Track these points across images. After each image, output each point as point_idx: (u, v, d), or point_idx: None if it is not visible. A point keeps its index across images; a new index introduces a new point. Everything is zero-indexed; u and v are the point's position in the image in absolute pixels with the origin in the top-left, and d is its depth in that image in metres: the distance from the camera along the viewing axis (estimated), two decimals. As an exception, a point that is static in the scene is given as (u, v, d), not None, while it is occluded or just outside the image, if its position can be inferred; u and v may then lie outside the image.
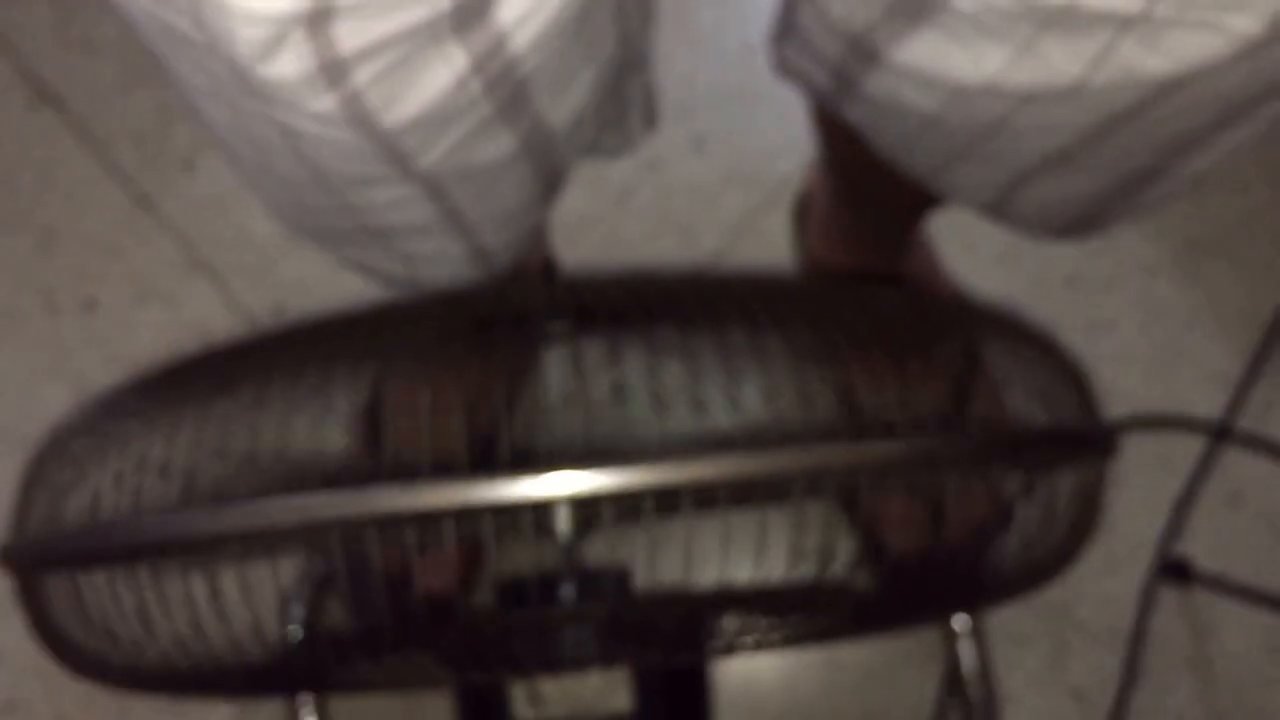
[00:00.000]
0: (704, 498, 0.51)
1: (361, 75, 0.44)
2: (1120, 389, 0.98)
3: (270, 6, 0.40)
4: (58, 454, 0.67)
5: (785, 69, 0.60)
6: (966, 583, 0.63)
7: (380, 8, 0.41)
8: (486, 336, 0.65)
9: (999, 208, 0.59)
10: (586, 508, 0.51)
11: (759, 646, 0.63)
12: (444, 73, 0.45)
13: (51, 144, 1.07)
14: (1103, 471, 0.66)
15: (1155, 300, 1.00)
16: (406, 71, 0.45)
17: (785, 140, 1.03)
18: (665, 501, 0.50)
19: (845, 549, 0.57)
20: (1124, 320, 1.00)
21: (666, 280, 0.66)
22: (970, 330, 0.68)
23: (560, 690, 0.66)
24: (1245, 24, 0.39)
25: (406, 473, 0.52)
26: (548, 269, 1.00)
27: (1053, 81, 0.44)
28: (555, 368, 0.96)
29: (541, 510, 0.51)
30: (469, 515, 0.49)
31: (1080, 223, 0.63)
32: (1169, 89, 0.44)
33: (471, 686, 0.67)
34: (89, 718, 1.01)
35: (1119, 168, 0.54)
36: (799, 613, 0.63)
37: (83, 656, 0.63)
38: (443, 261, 0.63)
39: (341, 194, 0.52)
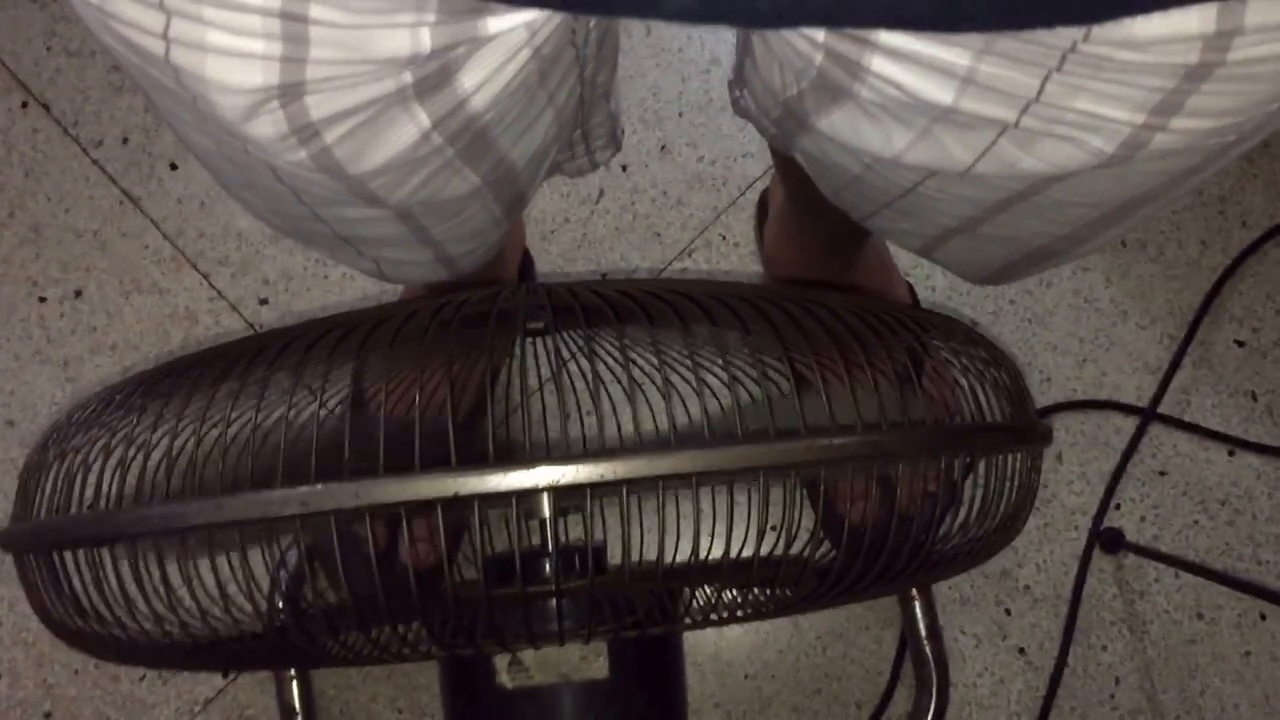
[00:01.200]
0: (675, 485, 0.54)
1: (330, 135, 0.46)
2: (1057, 375, 1.03)
3: (245, 81, 0.43)
4: (58, 441, 0.69)
5: (738, 110, 0.62)
6: (919, 556, 0.67)
7: (347, 82, 0.43)
8: (469, 331, 0.69)
9: (925, 253, 0.64)
10: (565, 496, 0.55)
11: (727, 619, 0.65)
12: (409, 130, 0.47)
13: (39, 144, 1.09)
14: (1038, 457, 0.71)
15: (1089, 295, 1.05)
16: (372, 131, 0.47)
17: (749, 145, 1.07)
18: (640, 489, 0.54)
19: (805, 523, 0.62)
20: (1060, 313, 1.04)
21: (635, 283, 0.70)
22: (915, 330, 0.72)
23: (540, 658, 0.68)
24: (1100, 143, 0.43)
25: (398, 461, 0.55)
26: (525, 264, 1.04)
27: (948, 164, 0.48)
28: (534, 361, 0.99)
29: (525, 497, 0.54)
30: (460, 503, 0.53)
31: (996, 276, 0.68)
32: (1048, 181, 0.48)
33: (455, 657, 0.69)
34: (75, 687, 1.03)
35: (1020, 241, 0.58)
36: (764, 586, 0.66)
37: (76, 631, 0.65)
38: (411, 265, 0.65)
39: (315, 209, 0.55)
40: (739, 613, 0.66)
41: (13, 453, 1.05)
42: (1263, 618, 1.01)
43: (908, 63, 0.43)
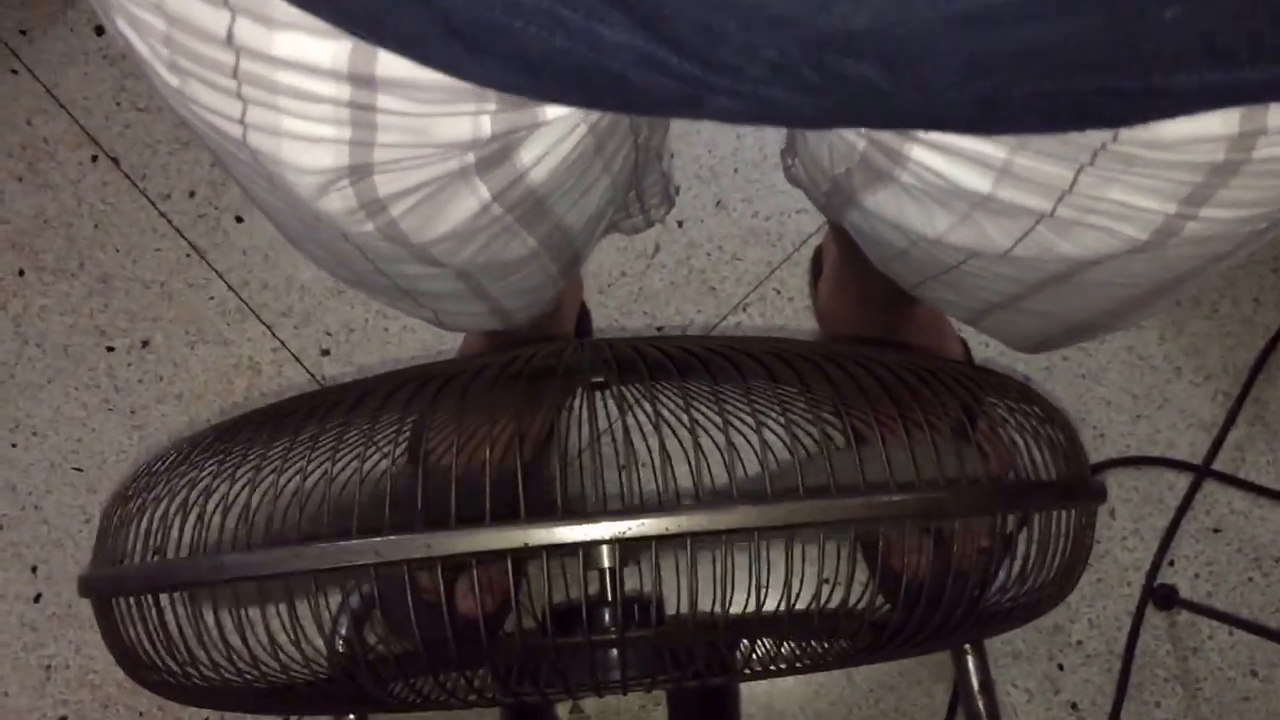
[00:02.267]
0: (738, 539, 0.56)
1: (396, 209, 0.49)
2: (1110, 431, 1.04)
3: (317, 163, 0.45)
4: (140, 489, 0.71)
5: (790, 178, 0.64)
6: (973, 610, 0.68)
7: (412, 163, 0.46)
8: (535, 385, 0.70)
9: (970, 322, 0.65)
10: (630, 548, 0.57)
11: (785, 670, 0.66)
12: (470, 202, 0.50)
13: (108, 197, 1.12)
14: (1093, 515, 0.71)
15: (1143, 351, 1.05)
16: (436, 204, 0.49)
17: (803, 201, 1.06)
18: (704, 542, 0.56)
19: (860, 576, 0.63)
20: (1114, 369, 1.05)
21: (695, 339, 0.72)
22: (970, 388, 0.73)
23: (601, 705, 0.70)
24: (1134, 231, 0.45)
25: (466, 513, 0.58)
26: (582, 317, 1.06)
27: (988, 246, 0.50)
28: (597, 414, 1.01)
29: (591, 549, 0.56)
30: (528, 554, 0.55)
31: (1039, 346, 0.69)
32: (1086, 265, 0.49)
33: (519, 703, 0.70)
34: (141, 738, 1.05)
35: (1061, 317, 0.59)
36: (822, 639, 0.68)
37: (153, 673, 0.66)
38: (468, 316, 0.67)
39: (378, 265, 0.57)
40: (797, 664, 0.67)
41: (80, 499, 1.08)
42: (1318, 676, 1.01)
43: (947, 153, 0.45)
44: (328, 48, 0.40)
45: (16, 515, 1.08)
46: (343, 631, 0.97)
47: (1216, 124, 0.39)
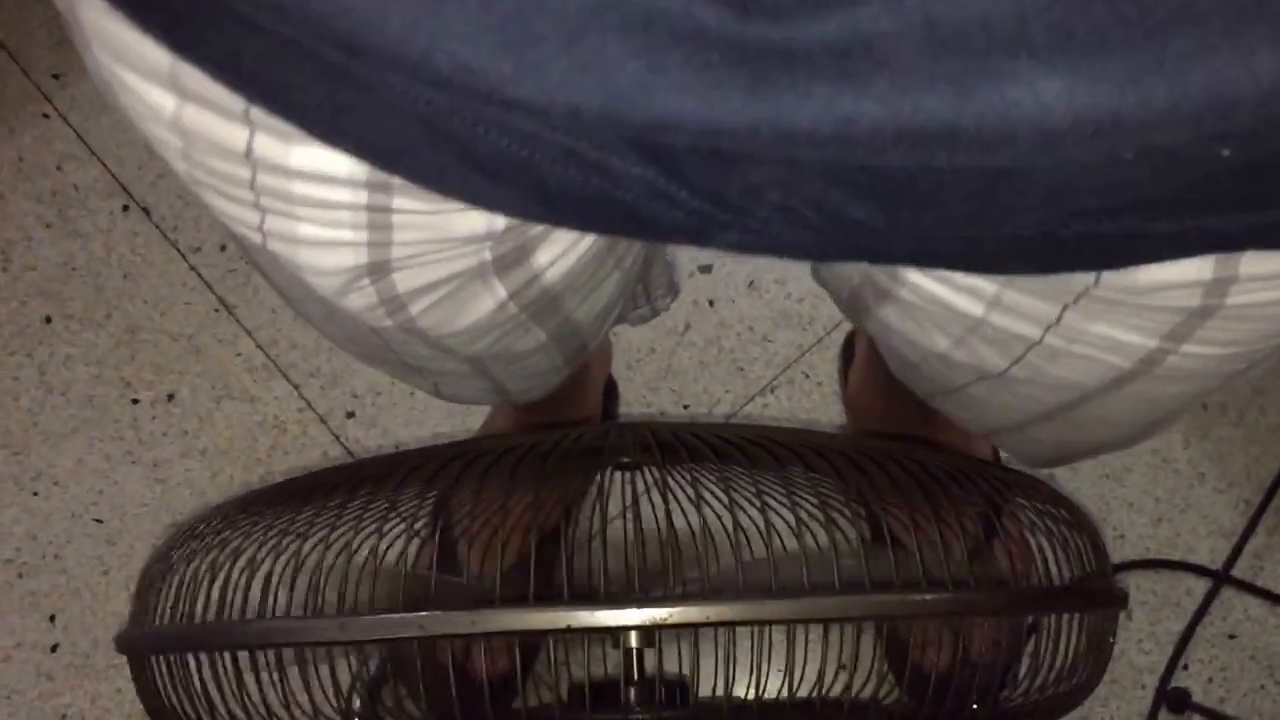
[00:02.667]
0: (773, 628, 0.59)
1: (416, 308, 0.50)
2: (1131, 533, 1.04)
3: (337, 264, 0.46)
4: (180, 551, 0.73)
5: (816, 278, 0.65)
6: (990, 703, 0.69)
7: (430, 259, 0.46)
8: (577, 464, 0.72)
9: (982, 437, 0.67)
10: (667, 633, 0.59)
11: None
12: (487, 301, 0.51)
13: (138, 248, 1.12)
14: (1113, 621, 0.73)
15: (1167, 455, 1.06)
16: (455, 303, 0.50)
17: None
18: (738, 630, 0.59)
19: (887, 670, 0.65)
20: (1137, 470, 1.06)
21: (735, 428, 0.73)
22: (999, 489, 0.75)
23: None
24: (1119, 360, 0.47)
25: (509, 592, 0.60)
26: (609, 390, 1.06)
27: (987, 367, 0.52)
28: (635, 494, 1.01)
29: (631, 633, 0.59)
30: (569, 634, 0.57)
31: (1051, 463, 0.71)
32: (1081, 394, 0.52)
33: None
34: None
35: (1064, 444, 0.61)
36: None
37: None
38: (468, 391, 0.69)
39: (390, 345, 0.58)
40: None
41: (100, 550, 1.08)
42: (1325, 787, 1.02)
43: (941, 279, 0.47)
44: (344, 159, 0.41)
45: (36, 564, 1.08)
46: (357, 704, 0.98)
47: (1193, 269, 0.40)
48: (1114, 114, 0.28)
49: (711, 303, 1.09)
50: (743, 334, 1.08)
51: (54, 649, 1.07)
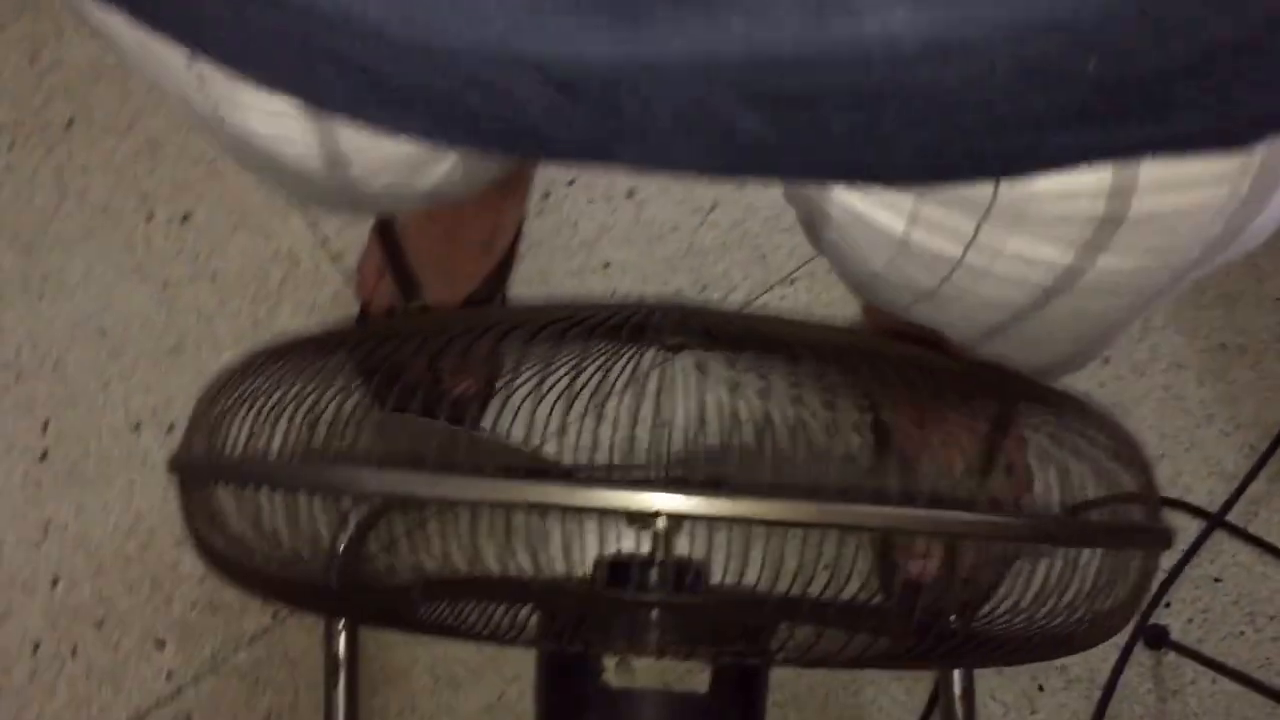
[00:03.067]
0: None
1: (373, 184, 0.53)
2: (1131, 464, 1.05)
3: (294, 153, 0.49)
4: (230, 382, 0.72)
5: (786, 196, 0.66)
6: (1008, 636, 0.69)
7: (386, 151, 0.49)
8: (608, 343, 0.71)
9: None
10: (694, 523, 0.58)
11: (818, 660, 0.68)
12: (441, 168, 0.53)
13: (170, 60, 1.10)
14: (1154, 558, 0.72)
15: (1179, 392, 1.05)
16: (408, 178, 0.53)
17: None
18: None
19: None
20: (1148, 405, 1.05)
21: (767, 320, 0.72)
22: (1008, 393, 0.74)
23: (646, 663, 0.72)
24: (1038, 277, 0.48)
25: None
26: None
27: (919, 287, 0.52)
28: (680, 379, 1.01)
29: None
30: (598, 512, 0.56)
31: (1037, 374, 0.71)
32: (1012, 319, 0.52)
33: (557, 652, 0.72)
34: (129, 602, 1.06)
35: (1014, 361, 0.61)
36: (861, 629, 0.68)
37: (213, 553, 0.69)
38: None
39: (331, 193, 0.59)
40: (833, 657, 0.68)
41: (101, 361, 1.07)
42: (1289, 735, 1.02)
43: (861, 195, 0.47)
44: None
45: (34, 369, 1.07)
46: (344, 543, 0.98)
47: (1091, 178, 0.41)
48: (961, 37, 0.32)
49: (741, 185, 1.07)
50: (769, 220, 1.07)
51: (44, 456, 1.07)
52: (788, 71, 0.33)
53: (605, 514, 0.57)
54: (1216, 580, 1.04)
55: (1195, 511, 1.04)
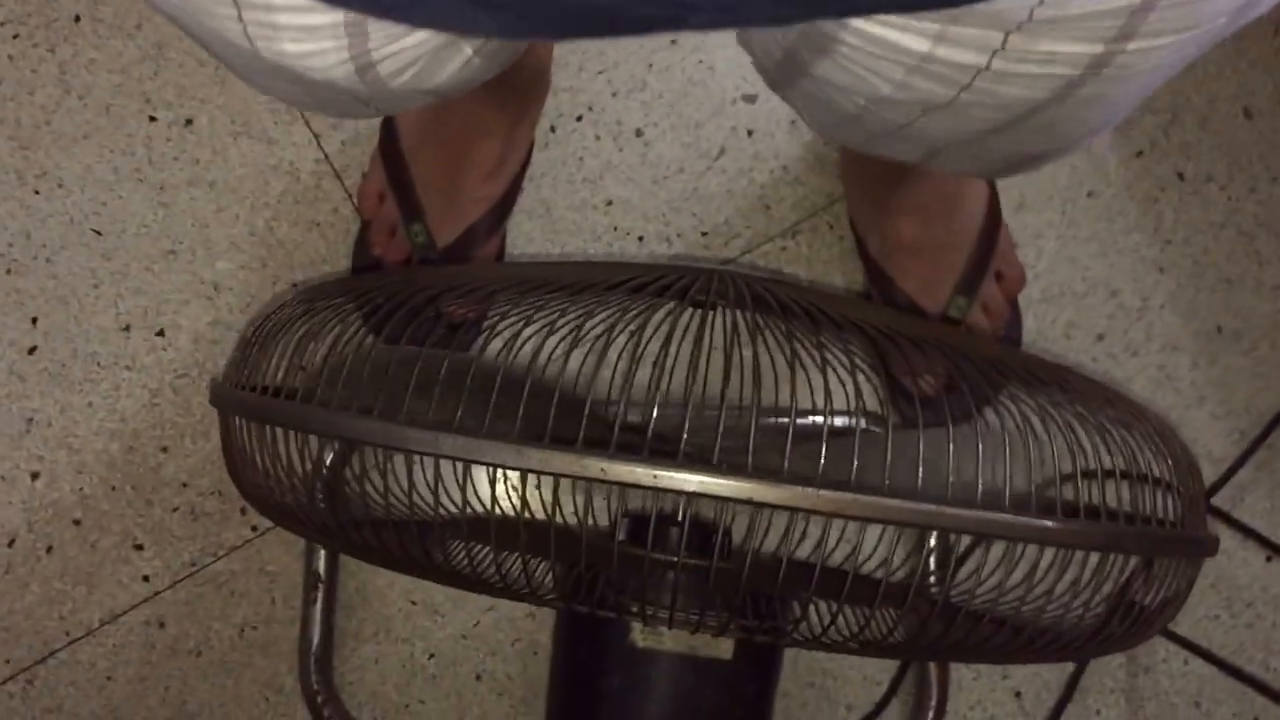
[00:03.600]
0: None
1: (395, 82, 0.55)
2: (1120, 440, 1.04)
3: (324, 64, 0.51)
4: (273, 320, 0.72)
5: (741, 42, 0.64)
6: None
7: (410, 45, 0.51)
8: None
9: (921, 164, 0.67)
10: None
11: (828, 643, 0.67)
12: (457, 60, 0.55)
13: (183, -39, 1.08)
14: (1195, 568, 0.71)
15: (1171, 373, 1.05)
16: (429, 69, 0.54)
17: None
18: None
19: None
20: (1139, 383, 1.05)
21: (797, 289, 0.72)
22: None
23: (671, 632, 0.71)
24: (1065, 70, 0.48)
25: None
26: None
27: (934, 100, 0.52)
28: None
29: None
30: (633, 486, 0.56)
31: (998, 174, 0.72)
32: (1027, 109, 0.52)
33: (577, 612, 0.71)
34: (109, 503, 1.06)
35: (1017, 151, 0.61)
36: (877, 609, 0.68)
37: (249, 478, 0.71)
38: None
39: (346, 98, 0.60)
40: (844, 641, 0.67)
41: (94, 262, 1.06)
42: (1256, 720, 1.03)
43: (885, 23, 0.47)
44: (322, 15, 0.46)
45: (27, 264, 1.06)
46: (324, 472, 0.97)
47: None
48: None
49: (750, 133, 1.06)
50: (775, 171, 1.06)
51: (31, 351, 1.06)
52: None
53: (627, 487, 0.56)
54: (1195, 562, 1.03)
55: (1180, 493, 1.03)
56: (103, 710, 1.05)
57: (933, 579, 0.89)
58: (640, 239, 1.05)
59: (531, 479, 0.57)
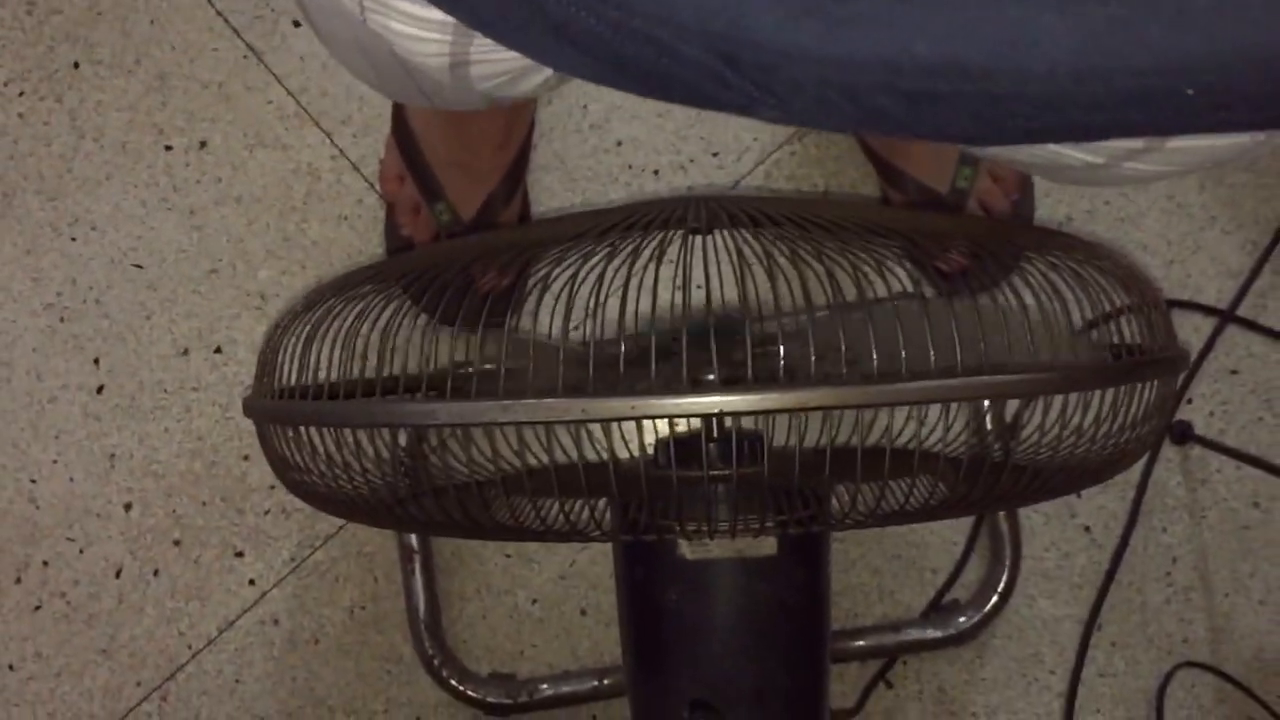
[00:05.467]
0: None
1: (484, 85, 0.59)
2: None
3: (423, 50, 0.55)
4: (289, 326, 0.76)
5: None
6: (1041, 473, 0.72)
7: (505, 57, 0.55)
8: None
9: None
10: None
11: (869, 520, 0.70)
12: (542, 74, 0.59)
13: (166, -9, 1.11)
14: (1170, 385, 0.75)
15: (1181, 199, 1.09)
16: (515, 80, 0.59)
17: None
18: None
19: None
20: (1152, 214, 1.09)
21: (793, 204, 0.76)
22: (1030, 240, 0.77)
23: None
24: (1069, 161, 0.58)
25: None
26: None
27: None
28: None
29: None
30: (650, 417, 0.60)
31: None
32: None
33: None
34: (203, 518, 1.10)
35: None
36: (904, 478, 0.72)
37: (292, 478, 0.74)
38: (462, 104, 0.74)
39: (424, 90, 0.65)
40: (880, 509, 0.72)
41: (141, 295, 1.10)
42: (1313, 510, 1.09)
43: None
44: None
45: (78, 309, 1.10)
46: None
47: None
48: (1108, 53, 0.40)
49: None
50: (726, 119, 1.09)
51: (99, 390, 1.10)
52: (948, 78, 0.41)
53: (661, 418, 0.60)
54: (1233, 372, 1.10)
55: (1207, 310, 1.09)
56: (238, 712, 1.11)
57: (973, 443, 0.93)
58: (656, 172, 1.10)
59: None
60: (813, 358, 0.62)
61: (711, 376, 0.73)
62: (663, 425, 0.76)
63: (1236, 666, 1.09)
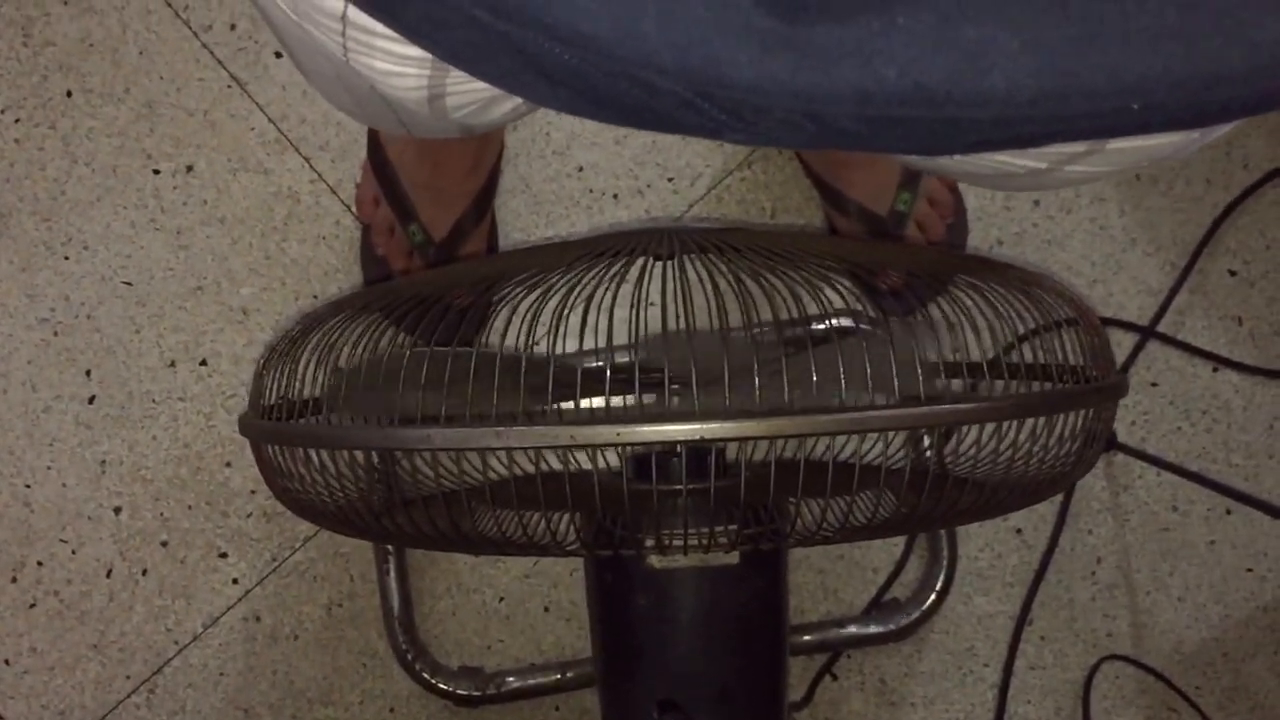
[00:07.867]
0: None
1: (457, 114, 0.62)
2: (1068, 292, 1.17)
3: (403, 85, 0.58)
4: (283, 347, 0.81)
5: None
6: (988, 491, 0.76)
7: (479, 88, 0.58)
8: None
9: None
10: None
11: (828, 536, 0.73)
12: (512, 101, 0.62)
13: (153, 25, 1.17)
14: (1109, 411, 0.78)
15: (1104, 222, 1.17)
16: (487, 108, 0.62)
17: None
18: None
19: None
20: (1077, 237, 1.16)
21: (746, 234, 0.80)
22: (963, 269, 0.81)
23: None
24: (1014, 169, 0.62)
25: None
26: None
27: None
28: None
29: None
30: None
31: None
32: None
33: (607, 535, 0.77)
34: (189, 521, 1.16)
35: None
36: (862, 490, 0.73)
37: (286, 492, 0.79)
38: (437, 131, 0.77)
39: (401, 118, 0.68)
40: (840, 529, 0.74)
41: (130, 311, 1.17)
42: (1228, 513, 1.16)
43: None
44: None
45: (71, 324, 1.17)
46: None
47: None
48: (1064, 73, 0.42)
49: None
50: (685, 143, 1.16)
51: (91, 400, 1.17)
52: (914, 105, 0.43)
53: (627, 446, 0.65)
54: (1154, 385, 1.17)
55: (1129, 327, 1.16)
56: (223, 704, 1.17)
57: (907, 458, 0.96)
58: (615, 196, 1.17)
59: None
60: (785, 389, 0.67)
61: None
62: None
63: (1157, 659, 1.17)
